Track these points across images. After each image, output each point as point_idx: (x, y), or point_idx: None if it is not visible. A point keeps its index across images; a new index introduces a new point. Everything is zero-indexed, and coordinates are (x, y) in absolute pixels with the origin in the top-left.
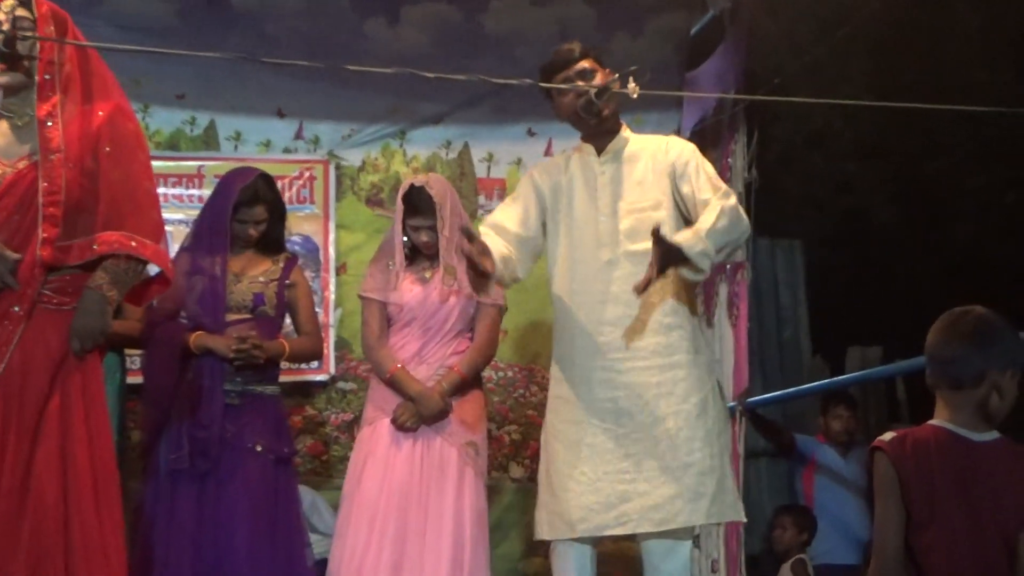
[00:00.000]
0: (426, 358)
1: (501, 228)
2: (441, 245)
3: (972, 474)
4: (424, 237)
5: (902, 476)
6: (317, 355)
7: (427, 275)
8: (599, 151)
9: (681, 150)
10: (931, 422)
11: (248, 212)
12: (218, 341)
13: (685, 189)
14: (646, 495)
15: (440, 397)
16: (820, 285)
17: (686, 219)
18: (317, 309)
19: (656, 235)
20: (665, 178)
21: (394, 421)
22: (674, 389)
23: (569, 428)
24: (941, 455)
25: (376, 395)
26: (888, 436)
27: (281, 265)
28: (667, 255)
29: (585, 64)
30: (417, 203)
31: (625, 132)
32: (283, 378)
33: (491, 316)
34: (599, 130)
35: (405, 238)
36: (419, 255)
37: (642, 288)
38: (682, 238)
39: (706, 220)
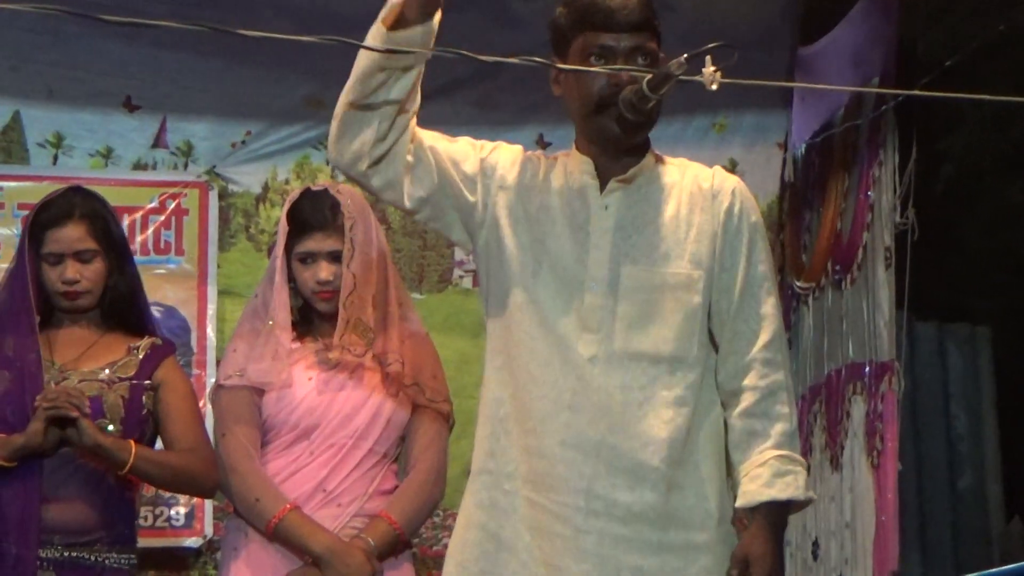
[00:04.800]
0: (334, 495)
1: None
2: (345, 285)
3: None
4: (323, 273)
5: None
6: (201, 484)
7: (332, 355)
8: (604, 175)
9: (735, 200)
10: None
11: (57, 236)
12: (30, 427)
13: (721, 296)
14: None
15: (366, 556)
16: (1022, 401)
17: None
18: None
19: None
20: (707, 241)
21: None
22: None
23: None
24: None
25: (247, 559)
26: None
27: (141, 355)
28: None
29: (643, 42)
30: (312, 215)
31: (651, 155)
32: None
33: (434, 430)
34: (625, 142)
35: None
36: (316, 321)
37: None
38: (781, 486)
39: (783, 419)
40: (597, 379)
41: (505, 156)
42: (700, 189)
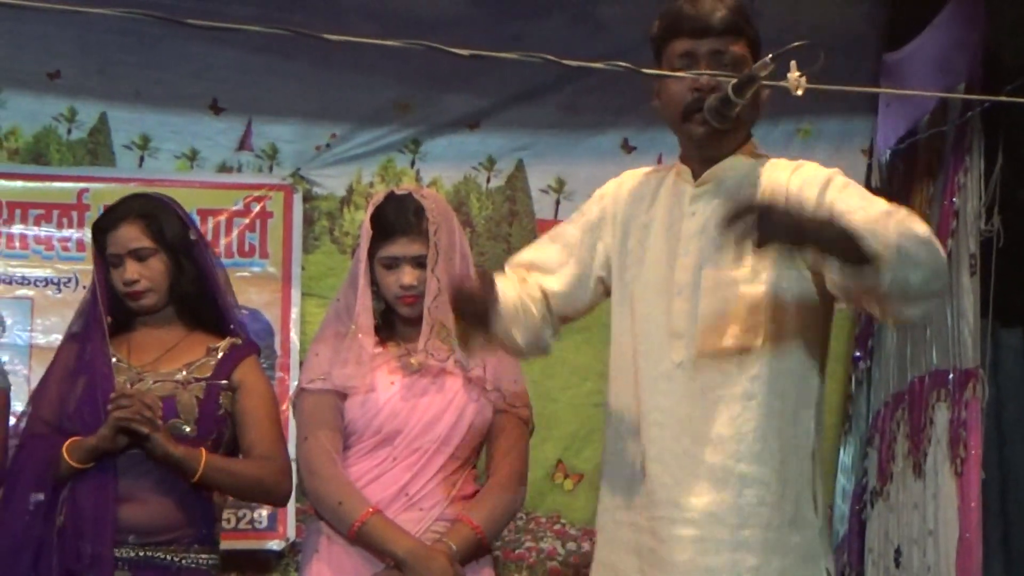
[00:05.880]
0: (416, 500)
1: (529, 270)
2: (429, 290)
3: None
4: (407, 278)
5: None
6: (272, 495)
7: (414, 360)
8: (695, 178)
9: (809, 174)
10: None
11: (114, 238)
12: (100, 432)
13: None
14: None
15: (448, 560)
16: None
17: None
18: None
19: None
20: None
21: None
22: None
23: None
24: None
25: (328, 561)
26: None
27: (219, 355)
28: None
29: (725, 46)
30: (396, 219)
31: (744, 154)
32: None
33: (515, 434)
34: (711, 148)
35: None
36: (398, 326)
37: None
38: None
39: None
40: (684, 384)
41: (619, 186)
42: (778, 183)
